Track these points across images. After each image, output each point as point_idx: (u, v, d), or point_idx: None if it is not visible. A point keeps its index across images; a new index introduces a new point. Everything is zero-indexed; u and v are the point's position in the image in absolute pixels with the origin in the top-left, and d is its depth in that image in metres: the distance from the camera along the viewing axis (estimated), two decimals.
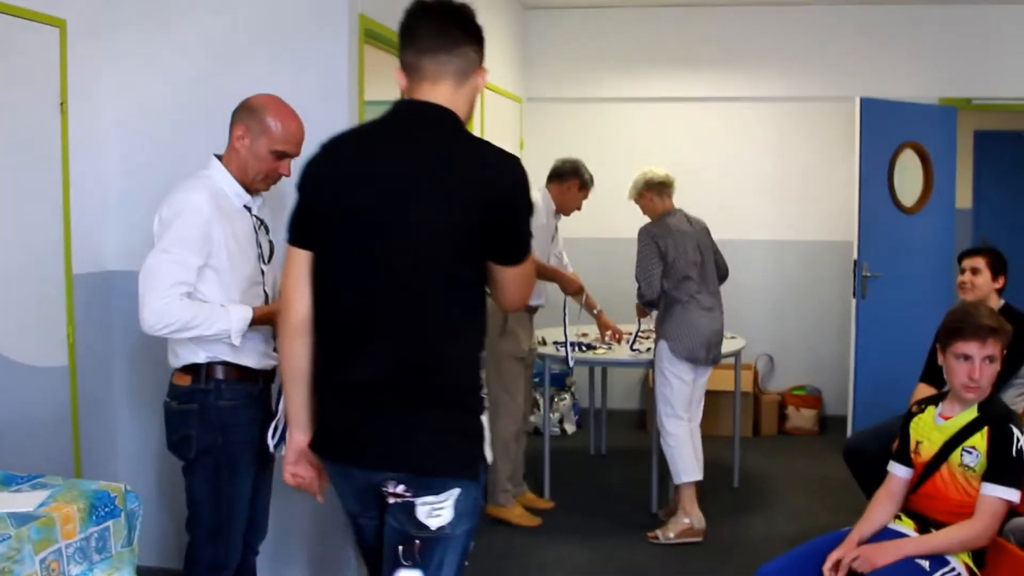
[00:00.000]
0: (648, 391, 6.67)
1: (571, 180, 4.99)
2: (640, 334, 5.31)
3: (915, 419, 3.17)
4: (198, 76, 3.83)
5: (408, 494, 2.20)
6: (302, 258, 2.30)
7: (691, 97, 7.07)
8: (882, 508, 3.12)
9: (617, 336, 5.32)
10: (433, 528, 2.21)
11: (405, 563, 2.24)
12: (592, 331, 5.55)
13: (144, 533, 3.78)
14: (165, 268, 2.80)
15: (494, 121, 6.08)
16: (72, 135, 3.72)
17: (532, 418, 6.57)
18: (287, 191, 3.62)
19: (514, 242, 2.28)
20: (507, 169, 2.24)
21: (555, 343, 5.26)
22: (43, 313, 3.62)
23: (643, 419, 7.00)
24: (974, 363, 2.98)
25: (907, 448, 3.15)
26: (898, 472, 3.15)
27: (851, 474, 4.40)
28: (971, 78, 6.76)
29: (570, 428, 6.82)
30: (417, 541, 2.22)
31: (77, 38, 3.72)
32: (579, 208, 5.10)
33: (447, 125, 2.26)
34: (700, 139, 6.98)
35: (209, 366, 2.95)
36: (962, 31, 6.74)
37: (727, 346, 5.10)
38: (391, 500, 2.23)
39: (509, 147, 6.54)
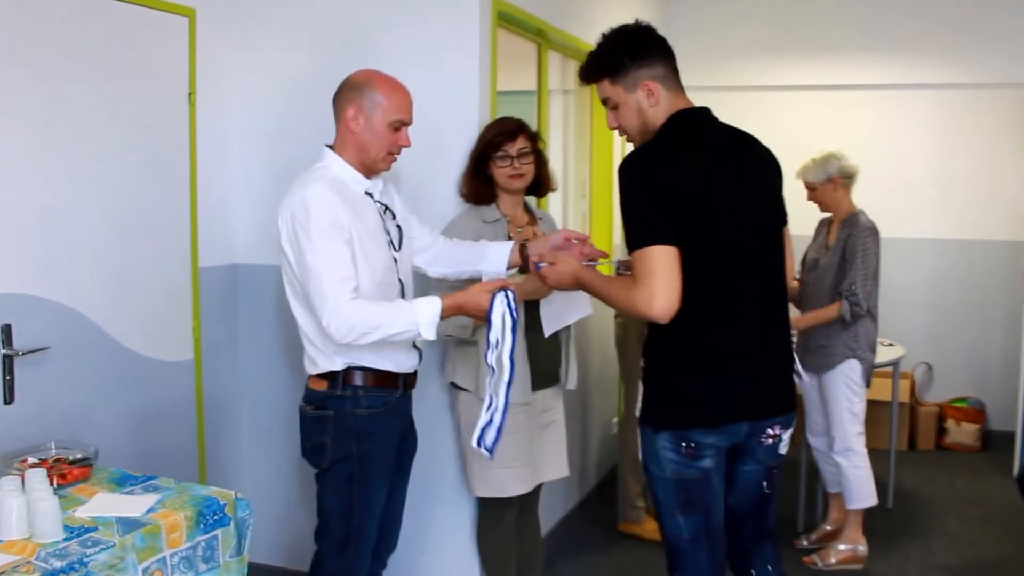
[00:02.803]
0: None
1: None
2: None
3: None
4: (323, 63, 3.70)
5: (782, 432, 2.66)
6: (671, 254, 2.41)
7: (840, 85, 6.56)
8: None
9: None
10: (783, 455, 2.72)
11: (767, 491, 2.72)
12: None
13: (263, 533, 3.72)
14: (325, 273, 2.63)
15: None
16: (200, 126, 3.65)
17: None
18: (414, 178, 3.49)
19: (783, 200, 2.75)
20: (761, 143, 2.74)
21: None
22: (169, 306, 3.57)
23: None
24: None
25: None
26: None
27: None
28: None
29: None
30: (775, 470, 2.71)
31: (206, 27, 3.64)
32: None
33: (720, 122, 2.69)
34: (851, 130, 6.48)
35: (347, 371, 2.79)
36: None
37: (886, 354, 4.71)
38: (767, 441, 2.64)
39: None
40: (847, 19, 6.53)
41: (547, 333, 3.25)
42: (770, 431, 2.63)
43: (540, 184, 3.43)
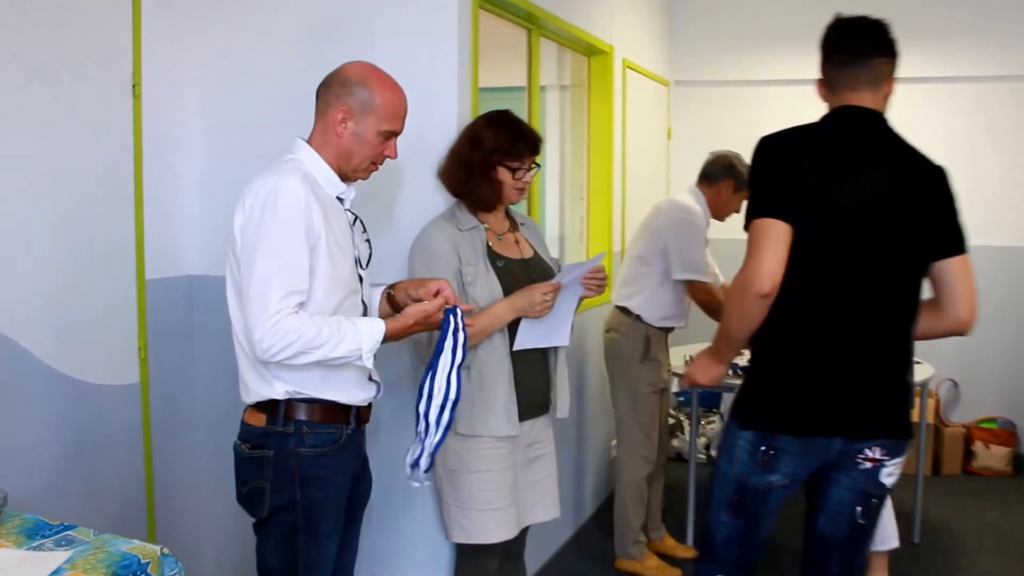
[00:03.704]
0: None
1: (725, 181, 4.24)
2: None
3: None
4: (283, 50, 3.32)
5: (885, 458, 2.52)
6: (779, 228, 2.39)
7: None
8: None
9: None
10: (887, 485, 2.57)
11: (861, 521, 2.58)
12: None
13: None
14: (274, 277, 2.24)
15: (638, 106, 5.40)
16: (146, 120, 3.25)
17: (675, 442, 5.88)
18: (385, 185, 3.06)
19: (958, 227, 2.56)
20: (931, 161, 2.57)
21: None
22: (109, 323, 3.16)
23: None
24: None
25: None
26: None
27: None
28: None
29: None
30: (874, 499, 2.57)
31: (152, 10, 3.24)
32: (737, 211, 4.34)
33: (885, 124, 2.55)
34: None
35: (289, 403, 2.39)
36: None
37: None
38: (864, 464, 2.51)
39: (655, 135, 5.92)
40: (869, 6, 6.10)
41: (514, 348, 2.87)
42: (868, 453, 2.51)
43: None
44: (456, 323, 2.39)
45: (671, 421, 5.83)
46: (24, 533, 2.34)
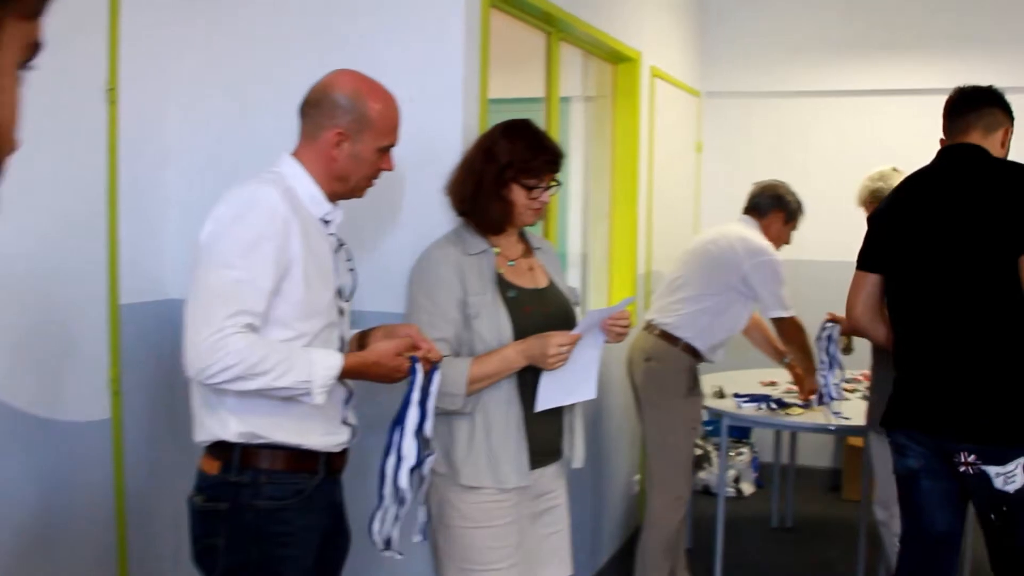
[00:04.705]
0: (848, 448, 5.52)
1: (774, 212, 4.01)
2: (844, 388, 4.10)
3: None
4: (278, 51, 3.03)
5: (981, 463, 2.65)
6: (863, 278, 3.03)
7: (903, 89, 5.73)
8: None
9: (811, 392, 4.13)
10: (1012, 492, 2.62)
11: (998, 523, 2.68)
12: (781, 376, 4.46)
13: None
14: (226, 289, 1.97)
15: (667, 118, 5.07)
16: (123, 128, 2.95)
17: (702, 474, 5.53)
18: (380, 205, 2.70)
19: None
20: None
21: (735, 395, 4.21)
22: (76, 353, 2.86)
23: (837, 481, 5.81)
24: None
25: None
26: None
27: None
28: None
29: (748, 488, 5.69)
30: (1004, 508, 2.66)
31: (131, 7, 2.95)
32: (788, 243, 4.12)
33: (985, 155, 2.87)
34: (915, 140, 5.60)
35: (245, 448, 2.09)
36: None
37: None
38: (963, 469, 2.69)
39: (684, 149, 5.57)
40: (909, 17, 5.74)
41: (538, 408, 2.55)
42: (964, 457, 2.68)
43: None
44: (423, 377, 2.14)
45: (698, 452, 5.50)
46: None
